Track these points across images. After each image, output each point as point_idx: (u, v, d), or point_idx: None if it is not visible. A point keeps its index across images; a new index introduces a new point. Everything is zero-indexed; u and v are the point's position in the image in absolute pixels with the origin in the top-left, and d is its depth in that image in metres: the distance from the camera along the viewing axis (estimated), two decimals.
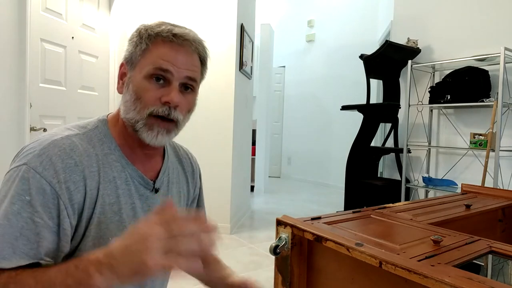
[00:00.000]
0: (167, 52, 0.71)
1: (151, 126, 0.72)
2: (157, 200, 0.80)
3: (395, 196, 2.97)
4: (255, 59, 4.47)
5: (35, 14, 2.25)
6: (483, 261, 2.08)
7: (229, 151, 3.08)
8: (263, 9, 6.09)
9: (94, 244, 0.68)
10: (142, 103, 0.71)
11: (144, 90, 0.71)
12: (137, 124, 0.72)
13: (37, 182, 0.61)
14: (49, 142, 0.66)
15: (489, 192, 1.25)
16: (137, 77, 0.72)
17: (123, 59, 0.76)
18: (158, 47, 0.71)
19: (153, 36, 0.72)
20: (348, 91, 5.41)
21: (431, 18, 3.00)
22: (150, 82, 0.71)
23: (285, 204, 4.50)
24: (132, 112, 0.72)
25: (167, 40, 0.71)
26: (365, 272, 0.61)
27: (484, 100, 2.44)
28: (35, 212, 0.60)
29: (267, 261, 2.53)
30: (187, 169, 0.94)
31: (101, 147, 0.72)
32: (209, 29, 3.07)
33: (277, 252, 0.71)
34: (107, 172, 0.71)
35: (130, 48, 0.74)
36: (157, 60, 0.70)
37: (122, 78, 0.76)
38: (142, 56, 0.72)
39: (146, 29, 0.73)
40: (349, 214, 0.84)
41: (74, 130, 0.72)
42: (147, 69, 0.71)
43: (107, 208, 0.70)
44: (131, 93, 0.72)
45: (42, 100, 2.34)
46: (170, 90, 0.71)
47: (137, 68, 0.72)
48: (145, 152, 0.78)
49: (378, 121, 3.19)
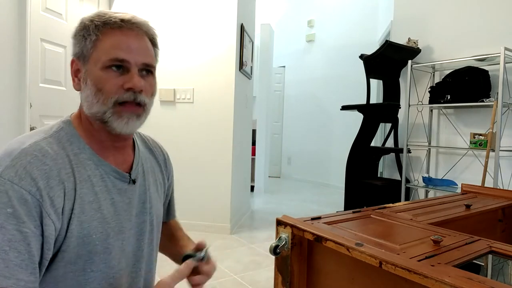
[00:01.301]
0: (119, 40, 0.70)
1: (119, 113, 0.71)
2: (136, 191, 0.80)
3: (395, 196, 2.97)
4: (255, 59, 4.47)
5: (35, 14, 2.25)
6: (483, 261, 2.08)
7: (229, 151, 3.08)
8: (263, 9, 6.09)
9: (78, 243, 0.67)
10: (105, 94, 0.70)
11: (103, 81, 0.70)
12: (105, 115, 0.71)
13: (16, 193, 0.60)
14: (19, 152, 0.64)
15: (489, 192, 1.25)
16: (94, 70, 0.71)
17: (73, 56, 0.74)
18: (109, 36, 0.70)
19: (101, 25, 0.70)
20: (348, 91, 5.41)
21: (431, 18, 3.00)
22: (108, 72, 0.70)
23: (285, 204, 4.50)
24: (96, 105, 0.71)
25: (116, 27, 0.71)
26: (365, 272, 0.61)
27: (484, 100, 2.44)
28: (21, 223, 0.60)
29: (267, 261, 2.53)
30: (159, 158, 0.94)
31: (70, 147, 0.71)
32: (209, 29, 3.07)
33: (277, 252, 0.71)
34: (81, 171, 0.70)
35: (78, 43, 0.73)
36: (111, 50, 0.70)
37: (76, 75, 0.75)
38: (94, 48, 0.70)
39: (91, 20, 0.71)
40: (349, 214, 0.84)
41: (40, 134, 0.70)
42: (103, 60, 0.70)
43: (86, 206, 0.69)
44: (91, 87, 0.71)
45: (42, 100, 2.34)
46: (131, 76, 0.71)
47: (91, 61, 0.71)
48: (115, 145, 0.78)
49: (378, 121, 3.19)
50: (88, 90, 0.71)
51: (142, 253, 0.82)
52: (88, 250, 0.69)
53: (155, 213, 0.86)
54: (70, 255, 0.67)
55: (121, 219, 0.76)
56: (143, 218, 0.82)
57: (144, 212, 0.82)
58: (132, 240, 0.79)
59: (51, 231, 0.63)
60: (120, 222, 0.75)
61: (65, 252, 0.67)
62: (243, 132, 3.53)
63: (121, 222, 0.75)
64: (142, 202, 0.82)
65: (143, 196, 0.82)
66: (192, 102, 3.08)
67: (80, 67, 0.73)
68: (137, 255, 0.80)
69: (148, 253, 0.84)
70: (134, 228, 0.79)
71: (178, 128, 3.14)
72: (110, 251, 0.73)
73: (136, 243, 0.80)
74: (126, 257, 0.77)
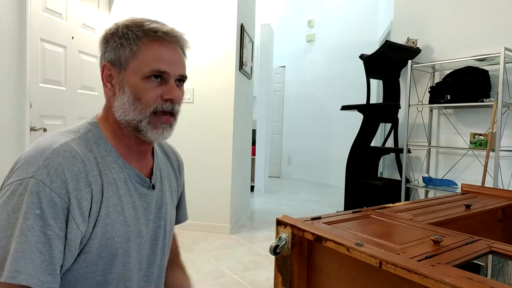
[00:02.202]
0: (161, 53, 0.72)
1: (155, 124, 0.73)
2: (154, 196, 0.81)
3: (395, 196, 2.97)
4: (255, 59, 4.47)
5: (35, 14, 2.25)
6: (483, 261, 2.08)
7: (229, 151, 3.08)
8: (263, 9, 6.09)
9: (101, 245, 0.69)
10: (144, 103, 0.72)
11: (143, 91, 0.71)
12: (141, 123, 0.72)
13: (47, 195, 0.62)
14: (50, 152, 0.65)
15: (489, 192, 1.25)
16: (133, 79, 0.72)
17: (106, 60, 0.74)
18: (150, 47, 0.72)
19: (142, 36, 0.72)
20: (348, 91, 5.41)
21: (431, 18, 3.00)
22: (148, 82, 0.71)
23: (285, 204, 4.50)
24: (132, 113, 0.72)
25: (157, 39, 0.72)
26: (365, 272, 0.61)
27: (484, 100, 2.44)
28: (46, 226, 0.61)
29: (267, 261, 2.53)
30: (174, 163, 0.95)
31: (97, 149, 0.72)
32: (209, 29, 3.07)
33: (277, 252, 0.71)
34: (107, 174, 0.71)
35: (113, 50, 0.73)
36: (153, 62, 0.71)
37: (108, 80, 0.75)
38: (134, 57, 0.71)
39: (130, 29, 0.72)
40: (349, 214, 0.84)
41: (69, 135, 0.71)
42: (144, 71, 0.71)
43: (111, 209, 0.71)
44: (129, 95, 0.72)
45: (42, 100, 2.34)
46: (170, 88, 0.73)
47: (129, 69, 0.72)
48: (140, 149, 0.79)
49: (378, 121, 3.19)
50: (125, 97, 0.72)
51: (156, 258, 0.83)
52: (110, 252, 0.70)
53: (169, 219, 0.87)
54: (92, 256, 0.68)
55: (140, 223, 0.77)
56: (158, 223, 0.83)
57: (160, 217, 0.83)
58: (147, 245, 0.80)
59: (75, 234, 0.65)
60: (139, 226, 0.77)
61: (87, 253, 0.68)
62: (243, 132, 3.53)
63: (139, 226, 0.77)
64: (159, 207, 0.83)
65: (159, 201, 0.84)
66: (192, 102, 3.08)
67: (114, 73, 0.74)
68: (151, 259, 0.82)
69: (160, 258, 0.85)
70: (150, 233, 0.80)
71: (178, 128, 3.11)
72: (129, 254, 0.74)
73: (150, 247, 0.81)
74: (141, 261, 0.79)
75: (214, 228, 3.09)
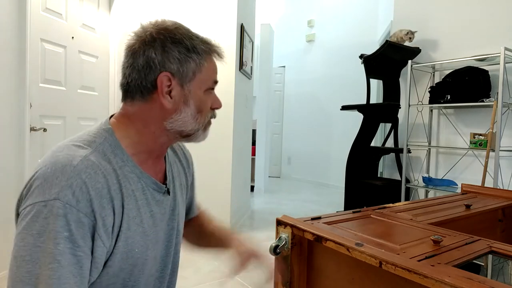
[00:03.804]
0: (215, 66, 0.79)
1: (205, 128, 0.80)
2: (169, 200, 0.82)
3: (395, 196, 2.97)
4: (255, 59, 4.47)
5: (35, 14, 2.25)
6: (483, 261, 2.08)
7: (229, 151, 3.08)
8: (263, 9, 6.08)
9: (122, 258, 0.69)
10: (204, 115, 0.76)
11: (205, 104, 0.76)
12: (198, 132, 0.77)
13: (75, 216, 0.61)
14: (72, 170, 0.62)
15: (489, 192, 1.25)
16: (197, 92, 0.74)
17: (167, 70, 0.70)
18: (211, 62, 0.77)
19: (208, 52, 0.76)
20: (348, 91, 5.41)
21: (431, 18, 3.00)
22: (208, 94, 0.77)
23: (285, 204, 4.50)
24: (192, 125, 0.75)
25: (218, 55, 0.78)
26: (365, 272, 0.61)
27: (484, 100, 2.44)
28: (76, 247, 0.61)
29: None
30: (182, 160, 0.95)
31: (115, 159, 0.70)
32: (209, 29, 3.06)
33: (277, 252, 0.71)
34: (127, 186, 0.70)
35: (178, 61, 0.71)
36: (213, 75, 0.77)
37: (168, 93, 0.72)
38: (199, 71, 0.74)
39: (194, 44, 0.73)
40: (349, 214, 0.84)
41: (86, 147, 0.68)
42: (208, 84, 0.76)
43: (131, 222, 0.70)
44: (193, 108, 0.74)
45: (42, 100, 2.34)
46: (216, 97, 0.80)
47: (195, 83, 0.74)
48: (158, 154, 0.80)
49: (378, 121, 3.19)
50: (189, 111, 0.74)
51: (170, 258, 0.84)
52: (130, 263, 0.71)
53: (180, 219, 0.88)
54: (114, 269, 0.69)
55: (158, 230, 0.78)
56: (172, 225, 0.84)
57: (173, 219, 0.84)
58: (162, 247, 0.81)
59: (100, 251, 0.65)
60: (156, 233, 0.77)
61: (110, 267, 0.68)
62: (243, 132, 3.53)
63: (157, 232, 0.77)
64: (172, 209, 0.84)
65: (173, 203, 0.84)
66: None
67: (175, 85, 0.72)
68: (165, 260, 0.83)
69: (173, 257, 0.86)
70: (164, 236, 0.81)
71: None
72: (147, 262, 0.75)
73: (165, 249, 0.82)
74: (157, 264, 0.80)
75: None
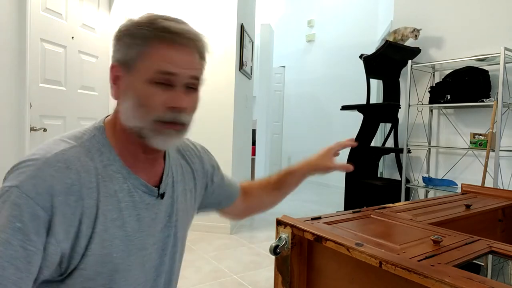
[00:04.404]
0: (170, 55, 0.64)
1: (158, 131, 0.67)
2: (163, 205, 0.76)
3: (395, 196, 2.97)
4: (255, 59, 4.47)
5: (35, 14, 2.24)
6: (483, 261, 2.08)
7: (229, 151, 3.08)
8: (263, 9, 6.08)
9: (97, 261, 0.65)
10: (146, 111, 0.65)
11: (147, 97, 0.65)
12: (142, 131, 0.67)
13: (30, 208, 0.57)
14: (43, 162, 0.60)
15: (489, 192, 1.25)
16: (137, 83, 0.65)
17: (114, 61, 0.68)
18: (158, 48, 0.64)
19: (152, 36, 0.64)
20: (348, 91, 5.41)
21: (431, 18, 3.00)
22: (153, 87, 0.65)
23: (285, 204, 4.47)
24: (133, 120, 0.67)
25: (167, 39, 0.64)
26: (365, 272, 0.61)
27: (484, 100, 2.44)
28: (27, 240, 0.57)
29: (267, 261, 2.53)
30: (193, 160, 0.89)
31: (100, 158, 0.67)
32: (209, 29, 3.06)
33: (277, 252, 0.71)
34: (108, 185, 0.66)
35: (121, 49, 0.67)
36: (160, 63, 0.64)
37: (115, 82, 0.69)
38: (140, 59, 0.65)
39: (139, 27, 0.65)
40: (349, 214, 0.84)
41: (70, 142, 0.66)
42: (150, 74, 0.64)
43: (109, 224, 0.66)
44: (132, 100, 0.66)
45: (42, 100, 2.34)
46: (176, 94, 0.66)
47: (135, 72, 0.65)
48: (148, 157, 0.74)
49: (378, 121, 3.19)
50: (129, 102, 0.67)
51: (164, 267, 0.78)
52: (109, 268, 0.66)
53: (180, 226, 0.82)
54: (89, 273, 0.65)
55: (144, 236, 0.72)
56: (167, 233, 0.78)
57: (169, 226, 0.78)
58: (155, 256, 0.76)
59: (53, 250, 0.60)
60: (143, 238, 0.72)
61: (83, 270, 0.64)
62: (243, 132, 3.53)
63: (144, 238, 0.72)
64: (168, 216, 0.78)
65: (169, 209, 0.78)
66: None
67: (121, 74, 0.68)
68: (159, 269, 0.77)
69: (170, 266, 0.81)
70: (157, 243, 0.76)
71: None
72: (131, 268, 0.70)
73: (159, 258, 0.77)
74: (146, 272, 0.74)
75: (214, 228, 3.09)
